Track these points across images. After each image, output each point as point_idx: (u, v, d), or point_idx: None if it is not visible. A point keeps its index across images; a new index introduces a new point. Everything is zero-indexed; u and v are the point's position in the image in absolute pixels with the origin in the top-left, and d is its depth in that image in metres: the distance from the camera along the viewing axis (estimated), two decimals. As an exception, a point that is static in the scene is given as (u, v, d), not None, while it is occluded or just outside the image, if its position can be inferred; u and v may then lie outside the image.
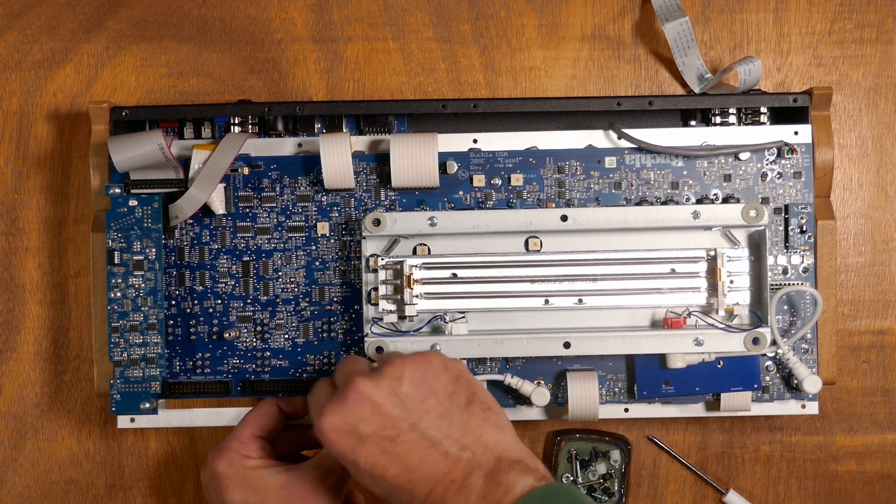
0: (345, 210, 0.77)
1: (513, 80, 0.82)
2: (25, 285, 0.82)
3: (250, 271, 0.77)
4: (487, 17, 0.82)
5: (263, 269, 0.77)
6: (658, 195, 0.77)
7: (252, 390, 0.77)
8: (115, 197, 0.75)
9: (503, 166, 0.77)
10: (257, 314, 0.77)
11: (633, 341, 0.73)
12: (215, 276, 0.77)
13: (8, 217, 0.82)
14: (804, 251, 0.76)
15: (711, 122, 0.78)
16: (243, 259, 0.77)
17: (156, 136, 0.74)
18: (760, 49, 0.82)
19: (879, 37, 0.82)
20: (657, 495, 0.82)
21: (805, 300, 0.76)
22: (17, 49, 0.82)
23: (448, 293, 0.75)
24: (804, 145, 0.76)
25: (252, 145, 0.77)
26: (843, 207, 0.82)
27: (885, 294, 0.82)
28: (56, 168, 0.82)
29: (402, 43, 0.82)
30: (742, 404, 0.75)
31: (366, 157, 0.77)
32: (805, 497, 0.82)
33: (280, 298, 0.77)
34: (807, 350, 0.77)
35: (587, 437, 0.80)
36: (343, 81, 0.82)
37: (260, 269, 0.77)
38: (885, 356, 0.82)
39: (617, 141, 0.77)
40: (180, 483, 0.82)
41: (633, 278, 0.74)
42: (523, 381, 0.75)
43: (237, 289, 0.77)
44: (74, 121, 0.82)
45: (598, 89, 0.82)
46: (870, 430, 0.82)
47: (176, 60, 0.82)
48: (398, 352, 0.71)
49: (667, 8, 0.79)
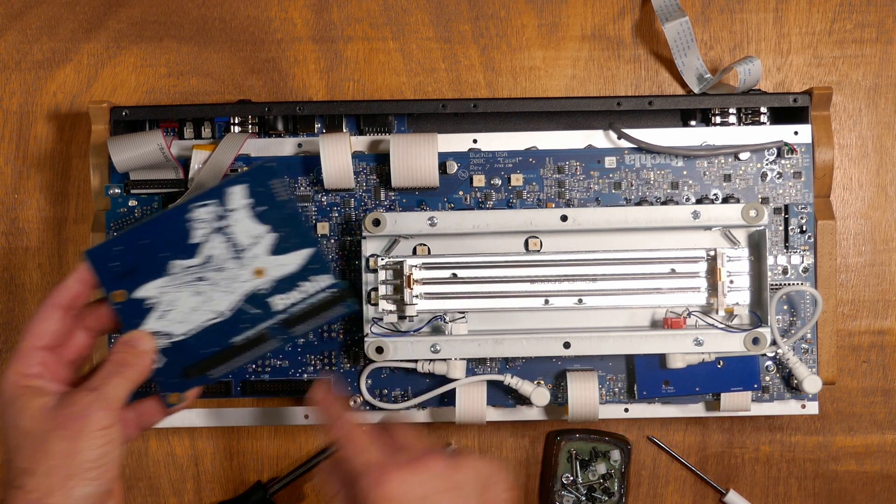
0: (345, 210, 0.77)
1: (513, 80, 0.82)
2: (25, 285, 0.82)
3: (250, 271, 0.77)
4: (487, 17, 0.82)
5: (263, 269, 0.77)
6: (658, 195, 0.77)
7: (252, 390, 0.77)
8: (115, 197, 0.75)
9: (503, 166, 0.77)
10: (257, 314, 0.77)
11: (633, 341, 0.73)
12: (215, 276, 0.77)
13: (8, 217, 0.82)
14: (804, 251, 0.76)
15: (711, 122, 0.78)
16: (243, 259, 0.77)
17: (156, 136, 0.74)
18: (760, 49, 0.82)
19: (879, 37, 0.82)
20: (657, 495, 0.82)
21: (805, 300, 0.76)
22: (17, 49, 0.82)
23: (448, 293, 0.74)
24: (804, 145, 0.76)
25: (252, 145, 0.77)
26: (843, 207, 0.82)
27: (885, 294, 0.81)
28: (56, 168, 0.82)
29: (402, 43, 0.82)
30: (742, 404, 0.75)
31: (366, 157, 0.77)
32: (805, 497, 0.82)
33: (280, 298, 0.77)
34: (807, 350, 0.77)
35: (587, 437, 0.80)
36: (343, 81, 0.82)
37: (260, 269, 0.77)
38: (885, 356, 0.82)
39: (617, 141, 0.77)
40: (180, 483, 0.82)
41: (633, 278, 0.74)
42: (523, 381, 0.75)
43: (237, 289, 0.77)
44: (74, 121, 0.82)
45: (598, 89, 0.82)
46: (870, 430, 0.82)
47: (176, 60, 0.82)
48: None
49: (667, 8, 0.79)
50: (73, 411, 0.57)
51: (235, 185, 0.62)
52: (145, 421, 0.64)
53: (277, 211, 0.63)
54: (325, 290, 0.63)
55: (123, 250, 0.62)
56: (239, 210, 0.63)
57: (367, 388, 0.77)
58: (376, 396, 0.77)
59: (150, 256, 0.62)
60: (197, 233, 0.63)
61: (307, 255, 0.63)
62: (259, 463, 0.82)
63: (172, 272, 0.62)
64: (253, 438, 0.82)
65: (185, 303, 0.63)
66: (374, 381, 0.77)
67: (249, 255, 0.63)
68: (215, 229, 0.63)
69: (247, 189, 0.62)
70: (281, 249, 0.63)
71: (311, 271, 0.63)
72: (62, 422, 0.57)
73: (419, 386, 0.77)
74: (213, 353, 0.63)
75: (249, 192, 0.63)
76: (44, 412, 0.58)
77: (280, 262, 0.63)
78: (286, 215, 0.63)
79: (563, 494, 0.80)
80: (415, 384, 0.77)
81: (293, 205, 0.63)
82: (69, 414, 0.57)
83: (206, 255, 0.62)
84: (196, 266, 0.62)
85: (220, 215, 0.63)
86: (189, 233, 0.62)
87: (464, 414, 0.75)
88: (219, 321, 0.63)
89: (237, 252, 0.63)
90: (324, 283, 0.63)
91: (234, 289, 0.63)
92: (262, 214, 0.63)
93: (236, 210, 0.63)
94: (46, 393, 0.59)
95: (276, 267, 0.63)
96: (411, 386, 0.77)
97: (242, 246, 0.63)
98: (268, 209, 0.63)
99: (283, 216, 0.63)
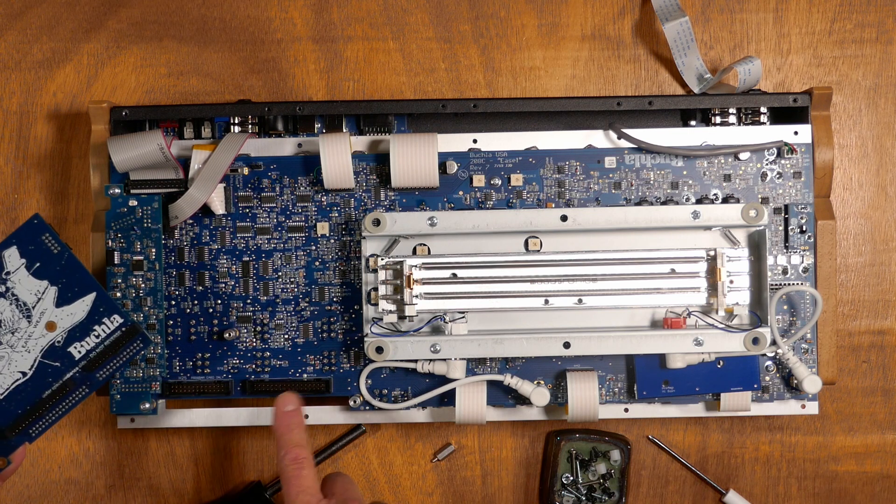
0: (345, 210, 0.77)
1: (513, 79, 0.82)
2: (25, 285, 0.82)
3: (250, 271, 0.77)
4: (487, 17, 0.82)
5: (263, 270, 0.77)
6: (658, 195, 0.77)
7: (252, 390, 0.77)
8: (114, 197, 0.75)
9: (503, 166, 0.77)
10: (257, 314, 0.77)
11: (633, 341, 0.73)
12: (215, 276, 0.77)
13: (8, 217, 0.82)
14: (804, 251, 0.76)
15: (711, 122, 0.78)
16: (243, 259, 0.77)
17: (156, 136, 0.74)
18: (760, 49, 0.82)
19: (879, 37, 0.82)
20: (657, 495, 0.82)
21: (805, 300, 0.76)
22: (17, 49, 0.82)
23: (448, 293, 0.74)
24: (804, 145, 0.76)
25: (252, 145, 0.77)
26: (843, 207, 0.82)
27: (885, 294, 0.81)
28: (56, 168, 0.82)
29: (402, 43, 0.82)
30: (742, 404, 0.75)
31: (366, 157, 0.77)
32: (805, 497, 0.82)
33: (280, 298, 0.77)
34: (807, 350, 0.77)
35: (587, 437, 0.80)
36: (343, 81, 0.82)
37: (260, 270, 0.77)
38: (885, 356, 0.82)
39: (617, 141, 0.77)
40: (180, 483, 0.82)
41: (633, 278, 0.74)
42: (523, 381, 0.75)
43: (237, 289, 0.77)
44: (74, 121, 0.82)
45: (598, 89, 0.82)
46: (870, 430, 0.82)
47: (176, 60, 0.82)
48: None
49: (667, 8, 0.79)
50: None
51: (6, 248, 0.65)
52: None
53: (53, 264, 0.65)
54: (118, 329, 0.66)
55: None
56: (16, 271, 0.65)
57: (367, 388, 0.77)
58: (376, 396, 0.77)
59: None
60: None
61: (92, 300, 0.65)
62: (259, 463, 0.82)
63: None
64: (253, 438, 0.82)
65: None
66: (374, 381, 0.77)
67: (37, 312, 0.65)
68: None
69: (17, 250, 0.64)
70: (66, 300, 0.65)
71: (99, 314, 0.66)
72: None
73: (419, 386, 0.77)
74: (26, 411, 0.66)
75: (21, 253, 0.65)
76: None
77: (67, 311, 0.65)
78: (62, 266, 0.65)
79: (563, 494, 0.80)
80: (415, 384, 0.77)
81: (67, 254, 0.65)
82: None
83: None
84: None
85: (0, 279, 0.65)
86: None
87: (464, 414, 0.75)
88: (24, 380, 0.65)
89: (26, 311, 0.65)
90: (114, 323, 0.66)
91: (30, 347, 0.65)
92: (38, 271, 0.65)
93: (13, 271, 0.65)
94: None
95: (65, 318, 0.65)
96: (411, 386, 0.77)
97: (29, 304, 0.65)
98: (42, 264, 0.65)
99: (60, 267, 0.65)
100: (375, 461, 0.82)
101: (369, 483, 0.82)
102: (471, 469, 0.82)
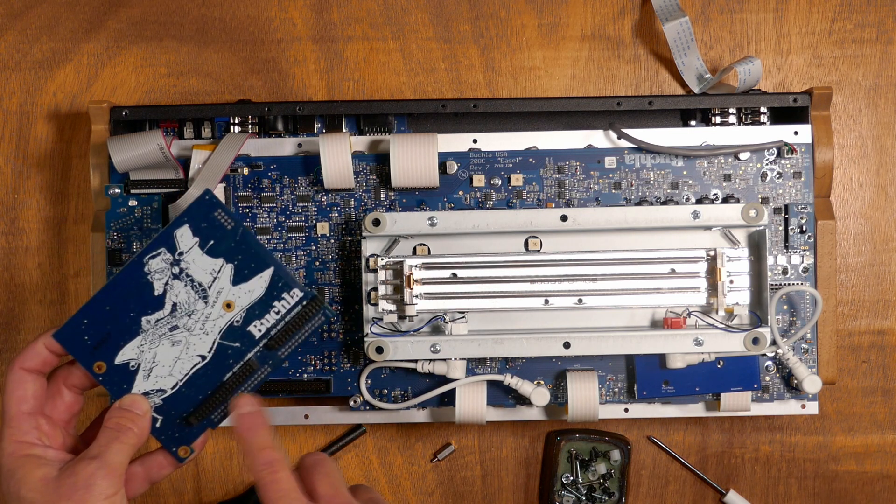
0: (345, 210, 0.77)
1: (513, 80, 0.82)
2: (25, 285, 0.82)
3: (250, 271, 0.77)
4: (487, 17, 0.82)
5: (263, 269, 0.77)
6: (658, 195, 0.77)
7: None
8: (114, 197, 0.75)
9: (503, 166, 0.77)
10: (257, 314, 0.77)
11: (633, 341, 0.73)
12: (215, 276, 0.77)
13: (8, 217, 0.82)
14: (804, 251, 0.76)
15: (711, 122, 0.78)
16: (243, 259, 0.77)
17: (156, 136, 0.74)
18: (760, 49, 0.82)
19: (879, 37, 0.82)
20: (657, 495, 0.82)
21: (805, 300, 0.76)
22: (17, 49, 0.82)
23: (448, 293, 0.74)
24: (804, 145, 0.76)
25: (252, 145, 0.77)
26: (843, 207, 0.82)
27: (885, 294, 0.81)
28: (56, 168, 0.82)
29: (402, 43, 0.82)
30: (742, 404, 0.75)
31: (366, 157, 0.77)
32: (805, 497, 0.82)
33: (280, 298, 0.77)
34: (807, 350, 0.77)
35: (587, 437, 0.80)
36: (343, 81, 0.82)
37: (260, 269, 0.77)
38: (885, 356, 0.82)
39: (617, 141, 0.77)
40: (180, 483, 0.82)
41: (633, 278, 0.74)
42: (523, 381, 0.75)
43: (237, 289, 0.77)
44: (74, 121, 0.82)
45: (598, 89, 0.82)
46: (870, 430, 0.82)
47: (176, 60, 0.82)
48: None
49: (667, 8, 0.79)
50: (77, 481, 0.57)
51: (178, 227, 0.62)
52: (154, 475, 0.64)
53: (227, 241, 0.62)
54: (298, 304, 0.63)
55: (90, 322, 0.62)
56: (190, 251, 0.62)
57: (367, 388, 0.77)
58: (376, 396, 0.77)
59: (118, 320, 0.62)
60: (157, 284, 0.62)
61: (269, 276, 0.63)
62: (259, 463, 0.82)
63: (144, 329, 0.62)
64: (253, 438, 0.82)
65: (166, 356, 0.62)
66: (374, 381, 0.77)
67: (214, 292, 0.63)
68: (173, 275, 0.62)
69: (190, 228, 0.62)
70: (242, 277, 0.63)
71: (278, 290, 0.63)
72: (66, 493, 0.57)
73: (419, 386, 0.77)
74: (207, 396, 0.63)
75: (193, 231, 0.62)
76: (46, 483, 0.57)
77: (245, 289, 0.62)
78: (236, 242, 0.62)
79: (563, 494, 0.80)
80: (415, 384, 0.77)
81: (241, 229, 0.63)
82: (73, 484, 0.57)
83: (172, 304, 0.62)
84: (166, 317, 0.62)
85: (174, 261, 0.62)
86: (149, 286, 0.62)
87: (464, 414, 0.75)
88: (204, 364, 0.63)
89: (201, 292, 0.63)
90: (294, 298, 0.63)
91: (208, 329, 0.63)
92: (212, 249, 0.62)
93: (187, 251, 0.62)
94: (47, 462, 0.59)
95: (243, 296, 0.62)
96: (411, 386, 0.77)
97: (205, 285, 0.63)
98: (216, 242, 0.62)
99: (234, 244, 0.62)
100: (375, 461, 0.82)
101: (369, 483, 0.82)
102: (471, 469, 0.82)
